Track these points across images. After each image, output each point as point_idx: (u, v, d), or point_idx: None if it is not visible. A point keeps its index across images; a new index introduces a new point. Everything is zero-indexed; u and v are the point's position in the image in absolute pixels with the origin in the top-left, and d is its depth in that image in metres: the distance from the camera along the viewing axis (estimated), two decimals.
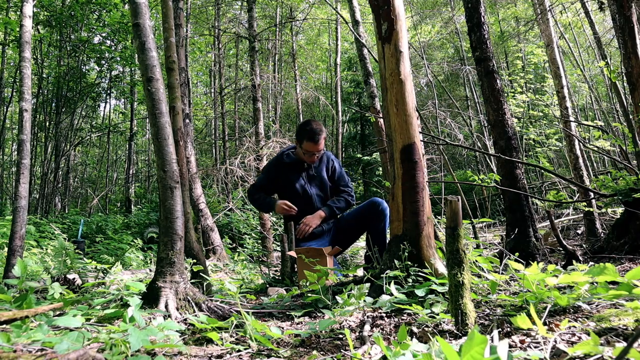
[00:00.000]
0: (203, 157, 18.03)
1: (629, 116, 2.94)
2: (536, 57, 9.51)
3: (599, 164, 12.05)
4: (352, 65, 16.92)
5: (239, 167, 7.06)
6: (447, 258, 1.32)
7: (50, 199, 11.88)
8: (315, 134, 2.98)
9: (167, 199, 1.87)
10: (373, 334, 1.29)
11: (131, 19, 2.05)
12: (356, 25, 6.11)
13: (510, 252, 2.52)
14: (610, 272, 1.26)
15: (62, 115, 11.95)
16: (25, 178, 2.94)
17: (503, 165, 3.01)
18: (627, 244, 2.53)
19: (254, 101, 7.51)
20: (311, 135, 2.98)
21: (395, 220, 1.96)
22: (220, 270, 4.57)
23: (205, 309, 1.76)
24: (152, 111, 1.95)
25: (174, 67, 3.13)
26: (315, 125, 3.02)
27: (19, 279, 1.78)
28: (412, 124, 1.95)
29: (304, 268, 2.54)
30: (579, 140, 4.92)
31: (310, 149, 3.01)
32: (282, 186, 3.19)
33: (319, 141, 3.00)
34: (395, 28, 2.00)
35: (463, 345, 0.80)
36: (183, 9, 5.83)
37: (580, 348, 0.93)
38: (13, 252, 2.82)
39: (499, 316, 1.39)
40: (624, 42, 2.77)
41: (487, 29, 3.17)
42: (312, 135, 2.98)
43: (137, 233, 8.97)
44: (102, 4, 10.06)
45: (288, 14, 15.03)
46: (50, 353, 0.98)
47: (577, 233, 4.67)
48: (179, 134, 2.91)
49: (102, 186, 17.05)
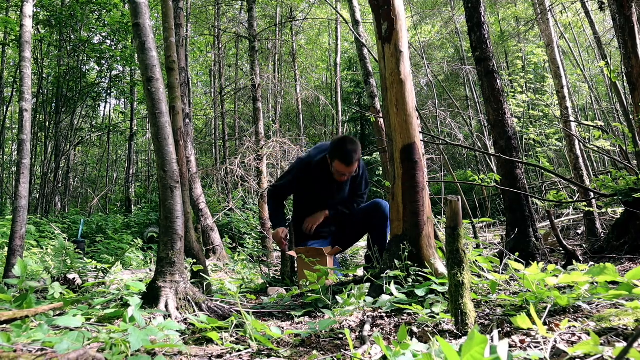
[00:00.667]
0: (203, 156, 18.03)
1: (629, 116, 2.94)
2: (536, 57, 9.51)
3: (599, 164, 12.04)
4: (352, 65, 16.92)
5: (239, 167, 7.06)
6: (447, 258, 1.32)
7: (51, 199, 11.88)
8: (349, 156, 2.74)
9: (167, 198, 1.87)
10: (373, 334, 1.29)
11: (131, 18, 2.05)
12: (356, 25, 6.11)
13: (510, 252, 2.52)
14: (610, 272, 1.26)
15: (62, 115, 11.96)
16: (25, 178, 2.94)
17: (503, 165, 3.01)
18: (627, 244, 2.53)
19: (254, 101, 7.51)
20: (345, 157, 2.75)
21: (395, 220, 1.96)
22: (221, 270, 4.57)
23: (206, 309, 1.76)
24: (152, 111, 1.95)
25: (174, 67, 3.13)
26: (350, 147, 2.76)
27: (19, 279, 1.78)
28: (412, 123, 1.95)
29: (304, 268, 2.54)
30: (579, 140, 4.92)
31: (341, 170, 2.81)
32: (305, 190, 3.05)
33: (351, 164, 2.77)
34: (396, 28, 2.00)
35: (463, 345, 0.80)
36: (183, 9, 5.83)
37: (580, 348, 0.93)
38: (13, 251, 2.82)
39: (499, 316, 1.39)
40: (624, 42, 2.77)
41: (487, 28, 3.17)
42: (346, 158, 2.75)
43: (137, 233, 8.97)
44: (102, 4, 10.06)
45: (288, 14, 15.03)
46: (50, 353, 0.98)
47: (577, 233, 4.67)
48: (179, 133, 2.91)
49: (102, 186, 17.05)
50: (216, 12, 12.88)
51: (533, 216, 2.95)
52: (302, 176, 3.01)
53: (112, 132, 15.64)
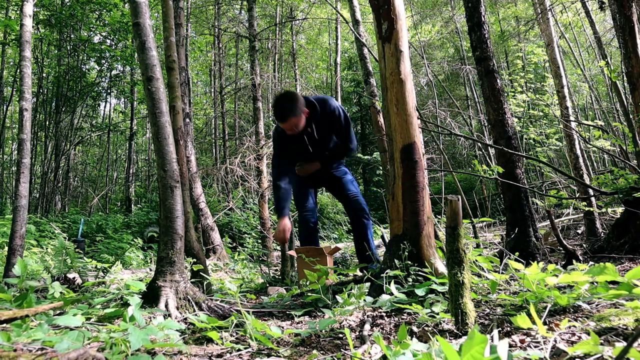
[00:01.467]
0: (203, 156, 18.02)
1: (629, 116, 2.94)
2: (536, 57, 9.51)
3: (599, 163, 12.05)
4: (352, 65, 16.92)
5: (239, 167, 7.06)
6: (447, 257, 1.32)
7: (51, 198, 11.88)
8: (280, 114, 2.74)
9: (167, 198, 1.87)
10: (373, 334, 1.29)
11: (131, 18, 2.05)
12: (356, 24, 6.11)
13: (510, 251, 2.52)
14: (610, 272, 1.26)
15: (62, 114, 11.95)
16: (25, 177, 2.94)
17: (503, 165, 3.01)
18: (627, 243, 2.53)
19: (254, 100, 7.50)
20: (276, 115, 2.78)
21: (395, 219, 1.96)
22: (221, 269, 4.57)
23: (206, 308, 1.76)
24: (152, 110, 1.95)
25: (174, 66, 3.13)
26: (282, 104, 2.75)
27: (19, 278, 1.78)
28: (412, 123, 1.95)
29: (304, 267, 2.54)
30: (579, 140, 4.91)
31: (282, 127, 2.82)
32: (288, 151, 3.07)
33: (284, 121, 2.75)
34: (396, 27, 2.00)
35: (463, 344, 0.80)
36: (183, 8, 5.82)
37: (580, 348, 0.93)
38: (13, 251, 2.82)
39: (499, 316, 1.39)
40: (624, 42, 2.77)
41: (488, 28, 3.17)
42: (277, 116, 2.77)
43: (137, 232, 8.97)
44: (102, 4, 10.06)
45: (288, 14, 15.02)
46: (50, 352, 0.98)
47: (577, 233, 4.67)
48: (179, 133, 2.91)
49: (102, 185, 17.05)
50: (216, 11, 12.88)
51: (533, 216, 2.95)
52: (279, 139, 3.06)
53: (112, 132, 15.64)
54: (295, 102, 2.76)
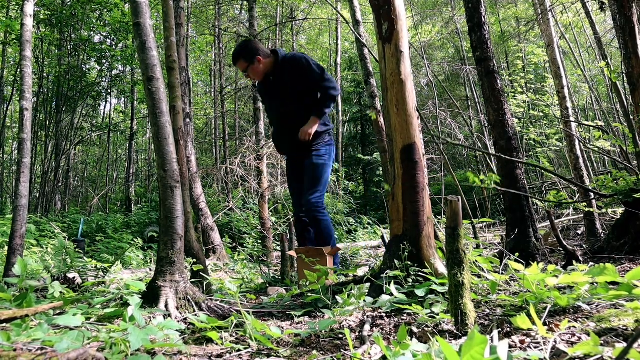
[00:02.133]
0: (203, 156, 18.02)
1: (630, 116, 2.93)
2: (537, 57, 9.51)
3: (599, 164, 12.04)
4: (353, 65, 16.91)
5: (240, 167, 7.06)
6: (447, 258, 1.32)
7: (51, 198, 11.88)
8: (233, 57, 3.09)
9: (167, 198, 1.87)
10: (373, 334, 1.29)
11: (132, 18, 2.05)
12: (357, 25, 6.11)
13: (510, 252, 2.52)
14: (610, 273, 1.26)
15: (63, 114, 11.96)
16: (25, 177, 2.94)
17: (503, 165, 3.00)
18: (627, 244, 2.53)
19: (255, 101, 7.50)
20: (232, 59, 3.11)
21: (395, 220, 1.96)
22: (220, 269, 4.57)
23: (205, 309, 1.76)
24: (152, 110, 1.95)
25: (175, 66, 3.13)
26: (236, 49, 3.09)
27: (19, 278, 1.78)
28: (413, 124, 1.95)
29: (304, 268, 2.54)
30: (579, 141, 4.91)
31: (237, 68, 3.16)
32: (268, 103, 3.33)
33: (235, 64, 3.08)
34: (396, 28, 2.00)
35: (463, 345, 0.80)
36: (184, 9, 5.82)
37: (580, 348, 0.93)
38: (13, 250, 2.82)
39: (499, 316, 1.39)
40: (624, 43, 2.77)
41: (488, 29, 3.17)
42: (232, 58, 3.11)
43: (137, 232, 8.97)
44: (103, 3, 10.06)
45: (289, 14, 15.02)
46: (50, 352, 0.98)
47: (577, 233, 4.66)
48: (179, 133, 2.91)
49: (103, 185, 17.05)
50: (217, 11, 12.88)
51: (533, 216, 2.94)
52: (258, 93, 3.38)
53: (113, 132, 15.64)
54: (246, 48, 3.06)
